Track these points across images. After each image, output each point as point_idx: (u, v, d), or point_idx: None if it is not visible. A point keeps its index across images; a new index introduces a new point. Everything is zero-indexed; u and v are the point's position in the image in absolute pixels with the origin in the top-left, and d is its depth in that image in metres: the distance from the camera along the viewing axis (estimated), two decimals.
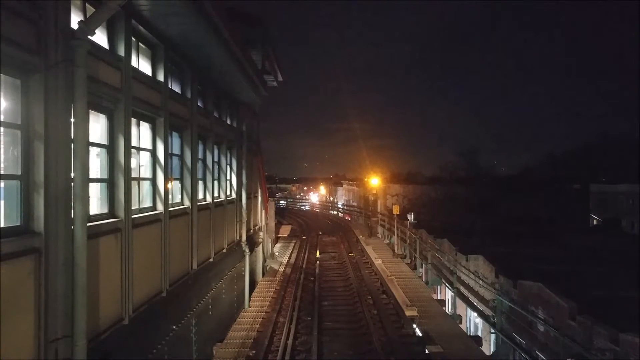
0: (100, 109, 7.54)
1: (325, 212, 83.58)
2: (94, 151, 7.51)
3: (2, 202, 5.49)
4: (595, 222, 51.42)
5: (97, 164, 7.68)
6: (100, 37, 7.34)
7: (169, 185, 10.47)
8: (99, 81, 7.18)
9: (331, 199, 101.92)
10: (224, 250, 15.50)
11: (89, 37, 6.08)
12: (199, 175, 13.23)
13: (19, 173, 5.48)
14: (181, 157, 11.81)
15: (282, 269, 24.99)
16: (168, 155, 10.43)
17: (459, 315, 21.14)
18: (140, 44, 9.41)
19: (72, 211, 5.96)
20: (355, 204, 72.61)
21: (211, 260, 13.74)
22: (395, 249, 33.12)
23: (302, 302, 18.73)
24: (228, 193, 17.04)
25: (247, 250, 18.32)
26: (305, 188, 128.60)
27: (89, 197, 6.77)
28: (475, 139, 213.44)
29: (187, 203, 11.91)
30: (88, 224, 6.24)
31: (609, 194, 54.34)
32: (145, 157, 9.74)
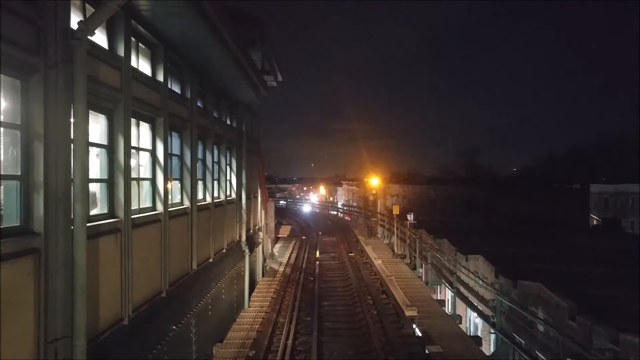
0: (99, 109, 7.53)
1: (325, 212, 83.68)
2: (93, 151, 7.51)
3: (2, 202, 5.49)
4: (595, 222, 51.43)
5: (97, 164, 7.68)
6: (100, 37, 7.34)
7: (169, 186, 10.47)
8: (99, 81, 7.17)
9: (331, 199, 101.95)
10: (224, 251, 15.50)
11: (89, 37, 6.08)
12: (199, 175, 13.23)
13: (19, 173, 5.47)
14: (181, 157, 11.81)
15: (281, 269, 24.99)
16: (168, 155, 10.42)
17: (459, 315, 21.15)
18: (140, 44, 9.41)
19: (72, 211, 5.95)
20: (355, 204, 72.64)
21: (211, 260, 13.74)
22: (395, 249, 33.15)
23: (302, 302, 18.74)
24: (228, 193, 17.04)
25: (246, 251, 18.32)
26: (305, 188, 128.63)
27: (88, 197, 6.76)
28: (475, 139, 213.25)
29: (186, 203, 11.91)
30: (88, 224, 6.24)
31: (609, 194, 54.39)
32: (145, 157, 9.74)
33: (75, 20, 6.24)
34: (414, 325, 15.67)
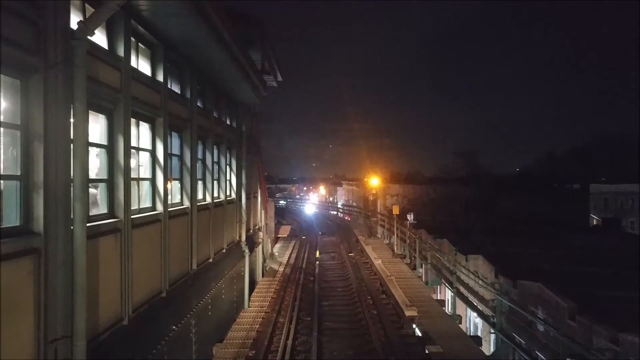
0: (99, 109, 7.53)
1: (325, 212, 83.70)
2: (93, 151, 7.51)
3: (2, 202, 5.49)
4: (595, 222, 51.42)
5: (96, 164, 7.68)
6: (99, 37, 7.34)
7: (169, 186, 10.47)
8: (99, 81, 7.17)
9: (331, 199, 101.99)
10: (224, 251, 15.49)
11: (89, 37, 6.08)
12: (199, 175, 13.23)
13: (19, 173, 5.47)
14: (181, 157, 11.81)
15: (281, 269, 24.98)
16: (167, 155, 10.42)
17: (459, 315, 21.15)
18: (139, 44, 9.41)
19: (72, 211, 5.95)
20: (355, 204, 72.64)
21: (211, 260, 13.73)
22: (395, 249, 33.14)
23: (302, 302, 18.73)
24: (228, 193, 17.03)
25: (246, 251, 18.32)
26: (305, 188, 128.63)
27: (88, 197, 6.77)
28: (475, 138, 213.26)
29: (186, 203, 11.91)
30: (87, 224, 6.24)
31: (609, 193, 54.37)
32: (144, 157, 9.74)
33: (75, 20, 6.24)
34: (414, 325, 15.67)
